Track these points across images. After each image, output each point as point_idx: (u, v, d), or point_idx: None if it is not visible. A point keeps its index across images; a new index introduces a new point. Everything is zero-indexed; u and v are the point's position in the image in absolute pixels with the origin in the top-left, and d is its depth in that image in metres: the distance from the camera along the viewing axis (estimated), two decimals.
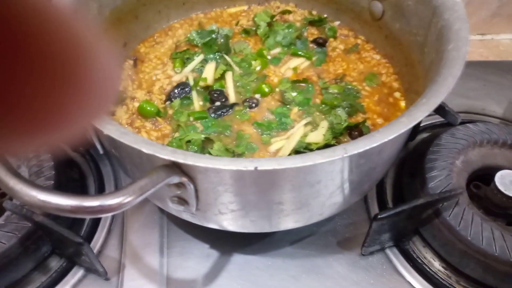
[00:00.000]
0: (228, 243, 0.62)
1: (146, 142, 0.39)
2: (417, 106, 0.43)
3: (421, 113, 0.41)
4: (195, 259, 0.61)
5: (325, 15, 0.76)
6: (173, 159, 0.38)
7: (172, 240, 0.63)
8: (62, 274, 0.59)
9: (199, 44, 0.70)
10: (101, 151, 0.53)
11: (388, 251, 0.62)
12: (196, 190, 0.44)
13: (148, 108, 0.60)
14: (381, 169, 0.52)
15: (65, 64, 0.13)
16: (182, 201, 0.46)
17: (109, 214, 0.45)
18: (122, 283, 0.58)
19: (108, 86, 0.15)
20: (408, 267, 0.60)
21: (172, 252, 0.62)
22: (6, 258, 0.55)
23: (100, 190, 0.67)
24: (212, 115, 0.61)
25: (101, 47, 0.15)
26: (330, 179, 0.44)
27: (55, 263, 0.60)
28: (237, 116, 0.61)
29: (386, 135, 0.39)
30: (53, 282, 0.58)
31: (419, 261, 0.60)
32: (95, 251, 0.60)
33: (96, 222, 0.64)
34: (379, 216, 0.54)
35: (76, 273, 0.59)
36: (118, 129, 0.39)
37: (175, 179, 0.41)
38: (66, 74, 0.13)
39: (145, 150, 0.38)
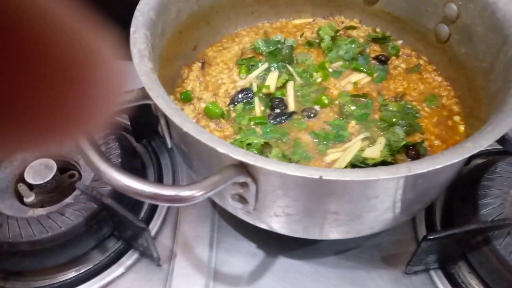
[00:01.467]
0: (274, 245, 0.65)
1: (221, 142, 0.42)
2: (482, 133, 0.43)
3: (486, 141, 0.42)
4: (242, 257, 0.64)
5: (389, 34, 0.77)
6: (244, 160, 0.41)
7: (222, 236, 0.66)
8: (118, 255, 0.64)
9: (264, 53, 0.73)
10: (170, 145, 0.57)
11: (432, 272, 0.62)
12: (257, 191, 0.47)
13: (214, 109, 0.63)
14: (436, 191, 0.53)
15: (70, 67, 0.13)
16: (242, 199, 0.49)
17: (182, 205, 0.48)
18: (173, 270, 0.62)
19: (112, 90, 0.15)
20: None
21: (221, 247, 0.65)
22: (72, 234, 0.60)
23: (159, 181, 0.71)
24: (272, 121, 0.64)
25: (107, 52, 0.15)
26: (387, 195, 0.46)
27: (112, 244, 0.65)
28: (295, 124, 0.63)
29: (450, 158, 0.40)
30: (110, 262, 0.63)
31: (464, 286, 0.60)
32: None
33: (153, 210, 0.68)
34: (429, 237, 0.54)
35: (131, 256, 0.64)
36: (196, 127, 0.43)
37: (241, 178, 0.44)
38: (70, 78, 0.13)
39: (219, 149, 0.41)
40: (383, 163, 0.56)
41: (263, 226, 0.55)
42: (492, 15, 0.58)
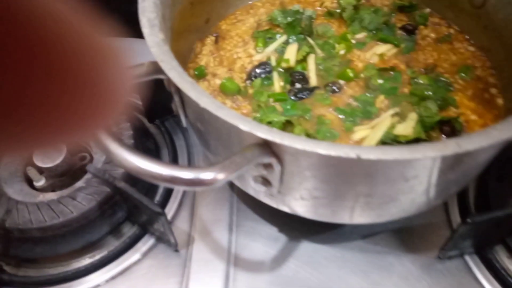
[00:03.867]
0: (297, 228, 0.61)
1: (243, 118, 0.38)
2: None
3: None
4: (263, 241, 0.60)
5: (415, 1, 0.71)
6: (270, 138, 0.36)
7: (241, 219, 0.62)
8: (134, 241, 0.61)
9: (282, 24, 0.67)
10: (184, 124, 0.53)
11: (467, 257, 0.58)
12: (282, 173, 0.43)
13: (230, 85, 0.59)
14: (477, 171, 0.49)
15: (74, 67, 0.13)
16: (266, 181, 0.45)
17: (202, 188, 0.45)
18: (191, 256, 0.59)
19: (118, 90, 0.15)
20: (489, 277, 0.56)
21: (241, 231, 0.61)
22: (84, 220, 0.58)
23: (174, 162, 0.67)
24: (292, 97, 0.59)
25: (113, 53, 0.14)
26: (427, 175, 0.41)
27: (128, 229, 0.62)
28: (318, 100, 0.59)
29: (506, 133, 0.35)
30: (126, 248, 0.60)
31: (503, 272, 0.56)
32: None
33: (168, 194, 0.65)
34: (469, 220, 0.50)
35: (147, 241, 0.61)
36: (214, 102, 0.39)
37: (266, 159, 0.40)
38: (75, 77, 0.13)
39: (242, 127, 0.37)
40: (416, 140, 0.52)
41: (287, 209, 0.51)
42: None
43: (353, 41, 0.66)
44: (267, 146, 0.39)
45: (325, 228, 0.61)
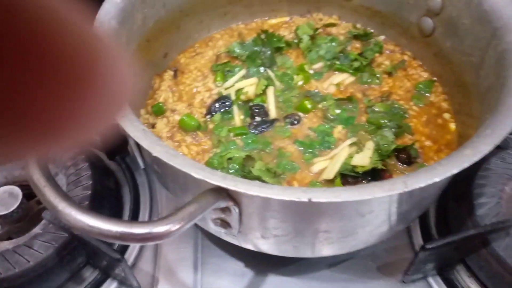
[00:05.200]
0: (263, 262, 0.60)
1: (196, 166, 0.37)
2: (481, 137, 0.40)
3: (487, 146, 0.39)
4: (230, 278, 0.59)
5: (370, 29, 0.73)
6: (224, 185, 0.36)
7: (206, 256, 0.61)
8: (96, 286, 0.59)
9: (240, 57, 0.68)
10: (141, 166, 0.52)
11: (430, 279, 0.59)
12: (241, 215, 0.43)
13: (189, 122, 0.59)
14: (432, 198, 0.50)
15: (77, 69, 0.13)
16: (225, 223, 0.45)
17: (157, 242, 0.44)
18: None
19: (120, 91, 0.15)
20: None
21: (206, 269, 0.60)
22: (42, 268, 0.55)
23: (135, 200, 0.66)
24: (253, 131, 0.59)
25: (114, 52, 0.15)
26: (382, 210, 0.42)
27: (89, 274, 0.60)
28: (278, 133, 0.59)
29: (450, 169, 0.36)
30: None
31: None
32: (129, 263, 0.59)
33: None
34: (427, 247, 0.51)
35: (110, 286, 0.59)
36: (168, 151, 0.38)
37: (222, 204, 0.40)
38: (78, 79, 0.13)
39: (195, 175, 0.36)
40: (374, 170, 0.53)
41: (250, 247, 0.51)
42: (479, 6, 0.55)
43: (311, 71, 0.67)
44: (222, 191, 0.39)
45: (291, 260, 0.60)
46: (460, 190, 0.64)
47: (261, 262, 0.60)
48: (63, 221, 0.34)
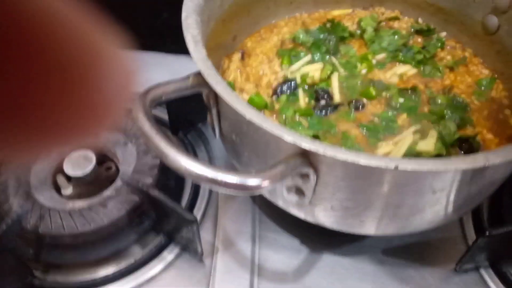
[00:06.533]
0: (318, 241, 0.63)
1: (286, 130, 0.40)
2: None
3: None
4: (286, 253, 0.62)
5: (432, 25, 0.75)
6: (313, 148, 0.39)
7: (264, 231, 0.64)
8: (159, 250, 0.62)
9: (305, 44, 0.71)
10: (216, 136, 0.55)
11: (483, 271, 0.60)
12: (316, 183, 0.45)
13: (257, 100, 0.62)
14: (498, 184, 0.51)
15: (78, 67, 0.13)
16: (299, 192, 0.47)
17: (246, 193, 0.46)
18: (215, 266, 0.60)
19: (122, 92, 0.15)
20: None
21: (264, 243, 0.63)
22: (114, 228, 0.59)
23: None
24: (317, 113, 0.62)
25: (116, 53, 0.14)
26: (453, 188, 0.44)
27: (152, 239, 0.63)
28: (342, 117, 0.61)
29: None
30: (151, 257, 0.61)
31: None
32: None
33: (192, 204, 0.66)
34: (487, 233, 0.52)
35: (172, 251, 0.62)
36: (259, 115, 0.41)
37: (304, 169, 0.42)
38: (78, 78, 0.13)
39: (287, 138, 0.39)
40: (438, 156, 0.54)
41: (314, 220, 0.53)
42: None
43: (374, 61, 0.69)
44: (305, 157, 0.42)
45: (346, 241, 0.63)
46: None
47: (316, 241, 0.63)
48: (165, 162, 0.37)
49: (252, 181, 0.38)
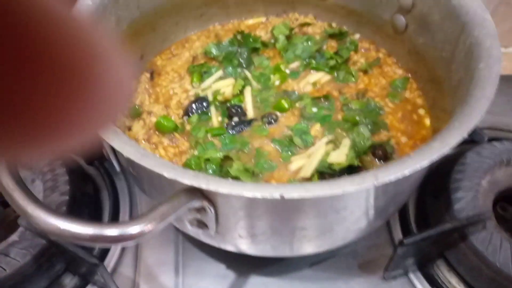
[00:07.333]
0: (245, 264, 0.60)
1: (168, 165, 0.37)
2: (450, 130, 0.41)
3: (454, 138, 0.39)
4: (211, 280, 0.59)
5: (345, 28, 0.74)
6: (195, 184, 0.36)
7: (188, 259, 0.61)
8: None
9: (217, 58, 0.68)
10: (117, 169, 0.51)
11: (411, 275, 0.60)
12: (217, 214, 0.42)
13: (166, 123, 0.59)
14: (408, 193, 0.50)
15: (77, 72, 0.13)
16: (201, 224, 0.45)
17: (130, 244, 0.43)
18: None
19: (120, 95, 0.15)
20: None
21: (188, 272, 0.60)
22: (20, 276, 0.54)
23: (115, 205, 0.65)
24: (230, 131, 0.59)
25: (115, 55, 0.15)
26: (356, 206, 0.42)
27: (68, 281, 0.59)
28: (256, 132, 0.59)
29: (418, 161, 0.37)
30: None
31: (444, 286, 0.58)
32: (109, 269, 0.59)
33: None
34: (404, 242, 0.51)
35: None
36: (138, 151, 0.38)
37: (196, 204, 0.39)
38: (77, 82, 0.13)
39: (166, 175, 0.36)
40: (350, 167, 0.53)
41: (229, 248, 0.50)
42: (448, 2, 0.56)
43: (287, 71, 0.67)
44: (197, 191, 0.39)
45: (273, 260, 0.60)
46: (438, 185, 0.65)
47: (242, 264, 0.60)
48: (33, 225, 0.33)
49: (133, 229, 0.35)
